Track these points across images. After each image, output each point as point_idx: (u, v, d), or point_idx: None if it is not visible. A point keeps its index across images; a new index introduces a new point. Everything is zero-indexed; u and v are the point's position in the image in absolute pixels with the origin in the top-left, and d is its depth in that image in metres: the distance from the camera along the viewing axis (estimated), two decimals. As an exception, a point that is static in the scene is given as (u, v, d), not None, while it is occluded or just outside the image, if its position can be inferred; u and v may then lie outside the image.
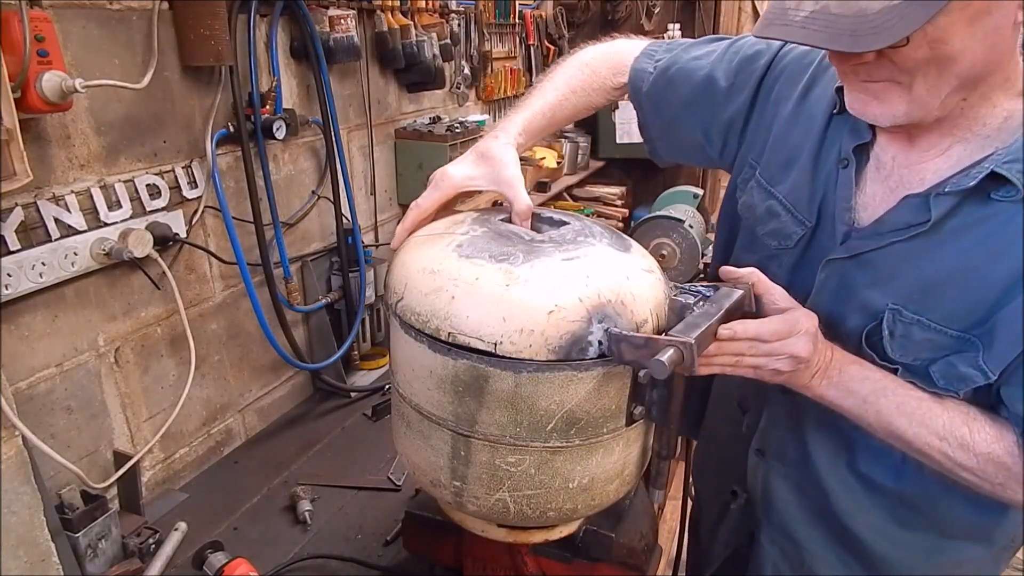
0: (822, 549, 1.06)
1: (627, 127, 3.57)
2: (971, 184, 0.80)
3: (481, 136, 2.53)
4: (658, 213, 2.66)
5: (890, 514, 0.99)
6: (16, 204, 1.18)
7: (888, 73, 0.78)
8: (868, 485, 0.99)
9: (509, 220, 0.99)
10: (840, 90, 0.91)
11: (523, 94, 3.28)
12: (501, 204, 1.07)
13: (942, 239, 0.85)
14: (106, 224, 1.34)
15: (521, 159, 1.09)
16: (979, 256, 0.82)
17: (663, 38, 3.66)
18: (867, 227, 0.91)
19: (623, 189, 3.60)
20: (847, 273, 0.93)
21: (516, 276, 0.82)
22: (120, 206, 1.36)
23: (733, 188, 1.14)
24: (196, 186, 1.53)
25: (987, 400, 0.88)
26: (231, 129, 1.58)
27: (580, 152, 3.44)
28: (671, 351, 0.76)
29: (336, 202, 1.94)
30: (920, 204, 0.85)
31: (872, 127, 0.91)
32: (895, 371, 0.90)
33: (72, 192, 1.27)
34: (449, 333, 0.82)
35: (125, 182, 1.37)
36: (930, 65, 0.75)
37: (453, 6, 2.51)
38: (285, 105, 1.76)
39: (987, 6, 0.71)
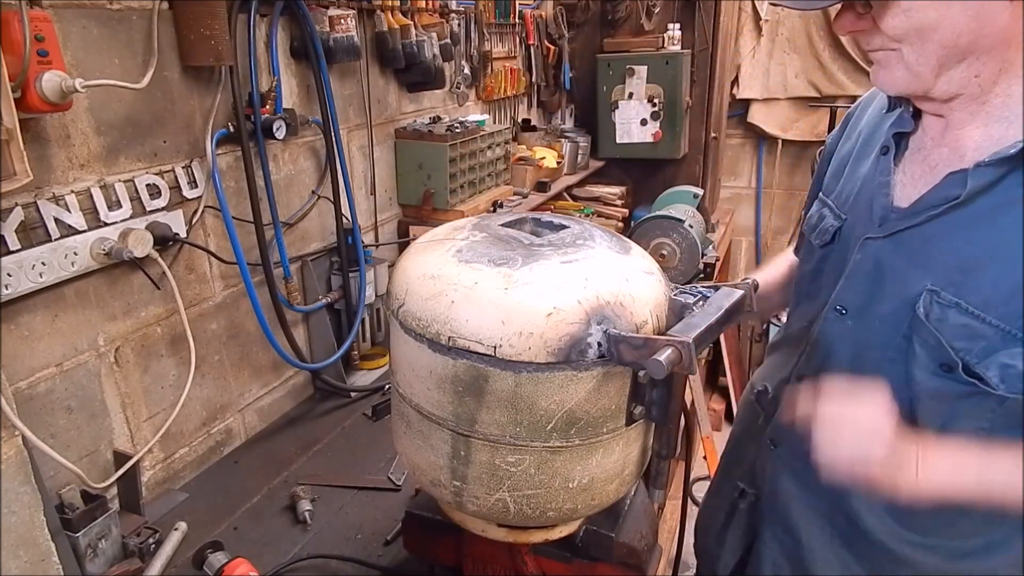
0: (824, 549, 1.05)
1: (627, 127, 3.57)
2: (1011, 152, 0.79)
3: (481, 135, 2.53)
4: (658, 213, 2.66)
5: (901, 513, 0.97)
6: (16, 204, 1.18)
7: (880, 42, 0.85)
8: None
9: (508, 225, 0.99)
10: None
11: (523, 94, 3.30)
12: (499, 207, 1.07)
13: (981, 217, 0.83)
14: (106, 224, 1.34)
15: (521, 159, 1.09)
16: (1017, 236, 0.80)
17: (663, 38, 3.63)
18: (906, 208, 0.91)
19: (623, 189, 3.60)
20: (883, 255, 0.93)
21: (515, 280, 0.83)
22: (120, 206, 1.36)
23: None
24: (196, 186, 1.53)
25: None
26: (231, 129, 1.59)
27: (580, 152, 3.44)
28: (669, 351, 0.77)
29: (336, 202, 1.94)
30: (959, 179, 0.84)
31: (915, 119, 0.94)
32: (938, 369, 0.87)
33: (72, 192, 1.27)
34: (449, 337, 0.83)
35: (125, 182, 1.38)
36: (911, 33, 0.80)
37: (453, 6, 2.51)
38: (285, 105, 1.76)
39: None
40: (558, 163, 3.14)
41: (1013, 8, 0.76)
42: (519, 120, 3.34)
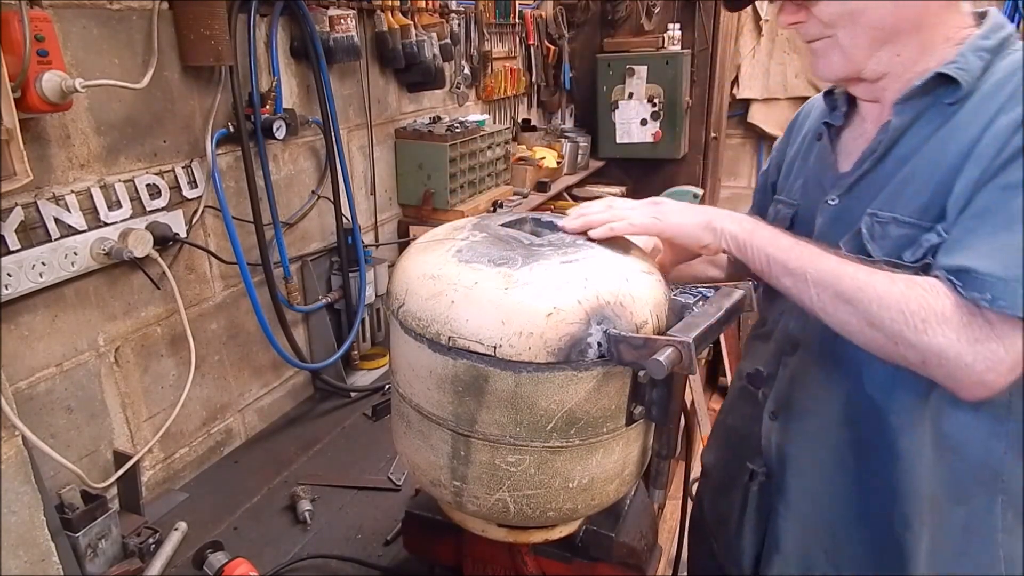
0: (837, 504, 1.06)
1: (627, 127, 3.57)
2: (917, 84, 0.91)
3: (481, 135, 2.53)
4: (658, 213, 2.65)
5: (905, 438, 0.97)
6: (16, 204, 1.18)
7: (817, 30, 0.95)
8: (881, 414, 0.98)
9: (508, 225, 0.99)
10: (826, 95, 1.10)
11: (523, 94, 3.30)
12: (499, 207, 1.08)
13: (908, 149, 0.94)
14: (106, 224, 1.34)
15: (521, 159, 1.12)
16: (937, 146, 0.90)
17: (663, 38, 3.64)
18: (850, 168, 1.01)
19: (623, 189, 3.60)
20: (840, 211, 1.01)
21: (515, 280, 0.83)
22: (120, 206, 1.36)
23: None
24: (196, 186, 1.53)
25: None
26: (231, 129, 1.59)
27: (580, 152, 3.44)
28: (669, 351, 0.77)
29: (336, 202, 1.94)
30: (886, 125, 0.96)
31: (847, 113, 1.06)
32: None
33: (72, 192, 1.27)
34: (449, 337, 0.83)
35: (125, 182, 1.38)
36: (843, 16, 0.91)
37: (453, 6, 2.51)
38: (285, 105, 1.76)
39: None
40: (558, 163, 3.14)
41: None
42: (519, 120, 3.34)
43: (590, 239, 0.94)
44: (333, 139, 1.88)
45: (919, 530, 0.98)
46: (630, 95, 3.51)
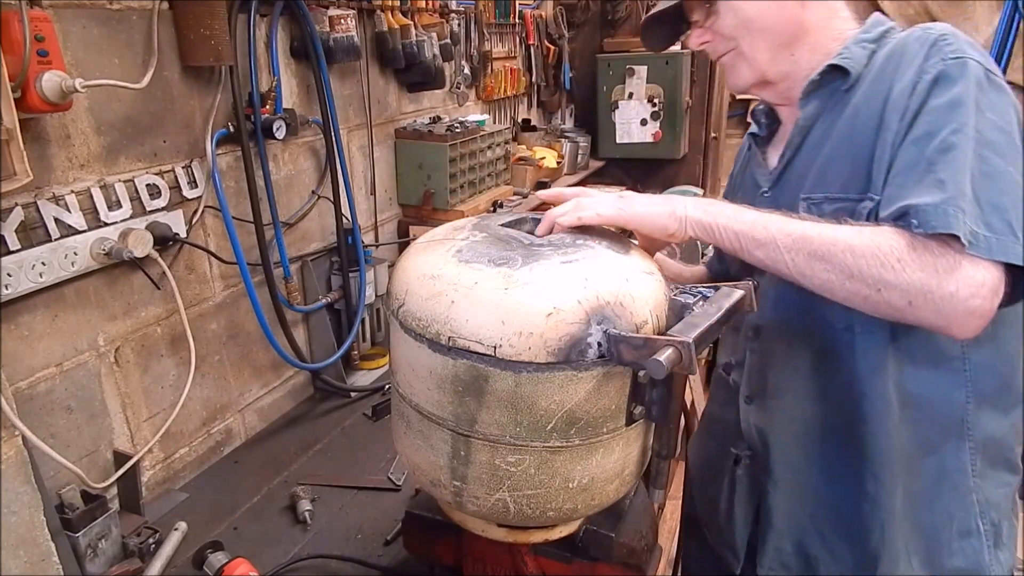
0: (819, 474, 1.08)
1: (627, 127, 3.58)
2: (815, 77, 1.01)
3: (481, 135, 2.54)
4: (658, 213, 2.65)
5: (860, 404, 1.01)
6: (16, 204, 1.18)
7: (723, 46, 1.06)
8: (844, 382, 1.02)
9: (508, 225, 0.99)
10: (752, 115, 1.21)
11: (523, 94, 3.30)
12: (499, 207, 1.09)
13: (820, 134, 1.03)
14: (106, 224, 1.34)
15: (521, 159, 1.14)
16: (846, 127, 0.98)
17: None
18: (776, 163, 1.11)
19: (623, 189, 3.60)
20: (775, 201, 1.07)
21: (515, 280, 0.83)
22: (120, 206, 1.36)
23: None
24: (196, 186, 1.53)
25: None
26: (231, 129, 1.59)
27: (580, 152, 3.44)
28: (669, 351, 0.77)
29: (336, 202, 1.94)
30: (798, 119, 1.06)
31: (770, 126, 1.17)
32: None
33: (72, 192, 1.27)
34: (449, 337, 0.83)
35: (125, 182, 1.38)
36: (740, 29, 1.03)
37: (453, 6, 2.51)
38: (285, 105, 1.76)
39: None
40: (558, 163, 3.14)
41: (803, 3, 1.01)
42: (519, 120, 3.34)
43: (560, 225, 0.96)
44: (333, 139, 1.88)
45: (892, 486, 1.01)
46: (630, 95, 3.51)
